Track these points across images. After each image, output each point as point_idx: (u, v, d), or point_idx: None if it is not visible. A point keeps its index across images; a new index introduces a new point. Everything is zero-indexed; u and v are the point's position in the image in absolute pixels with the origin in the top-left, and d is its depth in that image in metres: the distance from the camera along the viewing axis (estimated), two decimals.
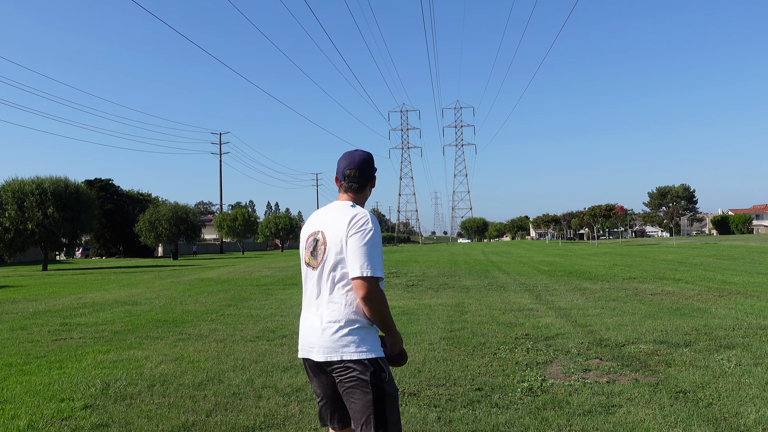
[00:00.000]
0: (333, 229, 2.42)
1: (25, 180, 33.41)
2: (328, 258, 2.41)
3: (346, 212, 2.43)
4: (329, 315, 2.39)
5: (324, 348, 2.39)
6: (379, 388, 2.35)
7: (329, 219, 2.48)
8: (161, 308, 11.38)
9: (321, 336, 2.40)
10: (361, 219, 2.39)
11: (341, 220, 2.41)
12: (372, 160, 2.59)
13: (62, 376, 5.75)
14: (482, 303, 10.89)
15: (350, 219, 2.39)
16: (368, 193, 2.62)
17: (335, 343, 2.37)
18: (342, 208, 2.48)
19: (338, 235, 2.39)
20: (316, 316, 2.45)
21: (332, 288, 2.41)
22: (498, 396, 4.73)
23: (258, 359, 6.29)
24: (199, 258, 55.55)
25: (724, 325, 7.71)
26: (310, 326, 2.46)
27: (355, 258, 2.32)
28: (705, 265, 20.67)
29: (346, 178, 2.55)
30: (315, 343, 2.42)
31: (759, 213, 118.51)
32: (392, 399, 2.40)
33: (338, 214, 2.45)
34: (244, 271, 23.98)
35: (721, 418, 4.09)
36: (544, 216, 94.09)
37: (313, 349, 2.44)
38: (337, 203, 2.55)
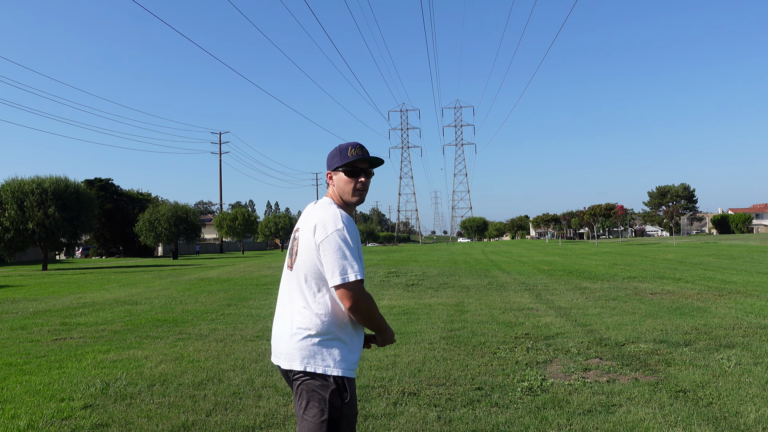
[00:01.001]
0: (304, 231, 2.30)
1: (25, 180, 33.41)
2: (299, 261, 2.29)
3: (316, 214, 2.30)
4: (299, 321, 2.25)
5: (289, 355, 2.25)
6: (337, 410, 2.19)
7: (306, 218, 2.38)
8: (161, 308, 11.38)
9: (288, 341, 2.26)
10: (327, 221, 2.21)
11: (311, 223, 2.28)
12: (331, 154, 2.43)
13: (62, 375, 5.75)
14: (482, 302, 10.89)
15: (317, 222, 2.24)
16: (335, 189, 2.41)
17: (301, 351, 2.22)
18: (318, 208, 2.36)
19: (308, 239, 2.26)
20: (287, 319, 2.32)
21: (304, 293, 2.27)
22: (498, 395, 4.73)
23: (258, 359, 6.29)
24: (199, 257, 55.56)
25: (724, 325, 7.71)
26: (280, 331, 2.34)
27: (330, 265, 2.16)
28: (705, 264, 20.67)
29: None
30: (283, 349, 2.30)
31: (759, 212, 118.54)
32: (347, 423, 2.22)
33: (312, 214, 2.34)
34: (244, 270, 23.98)
35: (721, 418, 4.09)
36: (544, 215, 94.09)
37: (281, 355, 2.31)
38: (320, 200, 2.46)
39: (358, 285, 2.16)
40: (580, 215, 71.57)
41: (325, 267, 2.18)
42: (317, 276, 2.24)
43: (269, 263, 29.33)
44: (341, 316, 2.25)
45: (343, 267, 2.14)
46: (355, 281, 2.15)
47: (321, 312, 2.23)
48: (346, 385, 2.22)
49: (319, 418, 2.17)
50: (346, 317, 2.26)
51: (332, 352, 2.22)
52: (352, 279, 2.14)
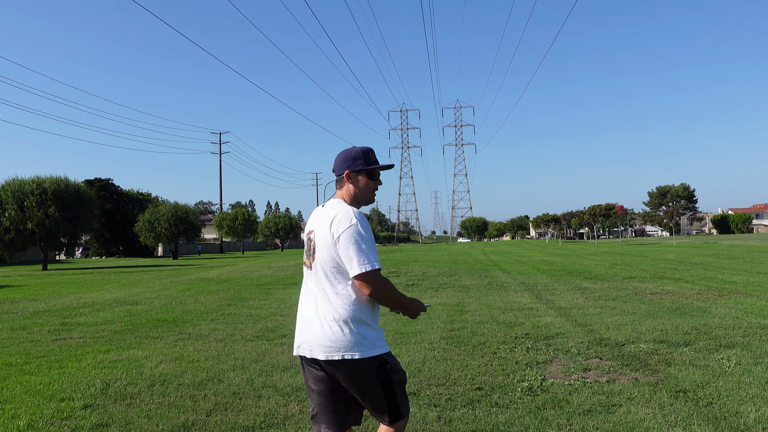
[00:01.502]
0: (320, 231, 2.48)
1: (25, 180, 33.40)
2: (319, 259, 2.47)
3: (330, 213, 2.48)
4: (330, 314, 2.42)
5: (326, 347, 2.41)
6: (387, 380, 2.45)
7: (318, 219, 2.54)
8: (161, 308, 11.38)
9: (323, 335, 2.42)
10: (342, 218, 2.41)
11: (325, 222, 2.46)
12: (349, 156, 2.59)
13: (62, 375, 5.75)
14: (482, 302, 10.89)
15: (331, 220, 2.43)
16: (350, 189, 2.59)
17: (337, 342, 2.39)
18: (329, 208, 2.53)
19: (325, 237, 2.44)
20: (315, 314, 2.48)
21: (329, 287, 2.44)
22: (498, 395, 4.73)
23: (258, 359, 6.29)
24: (199, 258, 55.55)
25: (724, 325, 7.71)
26: (310, 325, 2.49)
27: (349, 258, 2.36)
28: (705, 264, 20.67)
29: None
30: (315, 342, 2.44)
31: (759, 212, 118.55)
32: (399, 385, 2.50)
33: (325, 214, 2.51)
34: (244, 270, 23.98)
35: (721, 418, 4.09)
36: (544, 215, 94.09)
37: (314, 348, 2.45)
38: (328, 201, 2.62)
39: (375, 273, 2.38)
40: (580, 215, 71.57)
41: (344, 260, 2.38)
42: (338, 270, 2.42)
43: (269, 263, 29.33)
44: (365, 302, 2.46)
45: (361, 258, 2.35)
46: (372, 270, 2.36)
47: (348, 302, 2.42)
48: (386, 359, 2.47)
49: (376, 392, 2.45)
50: (368, 302, 2.47)
51: (365, 337, 2.42)
52: (370, 269, 2.35)
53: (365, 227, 2.40)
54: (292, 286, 15.61)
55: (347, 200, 2.59)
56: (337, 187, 2.63)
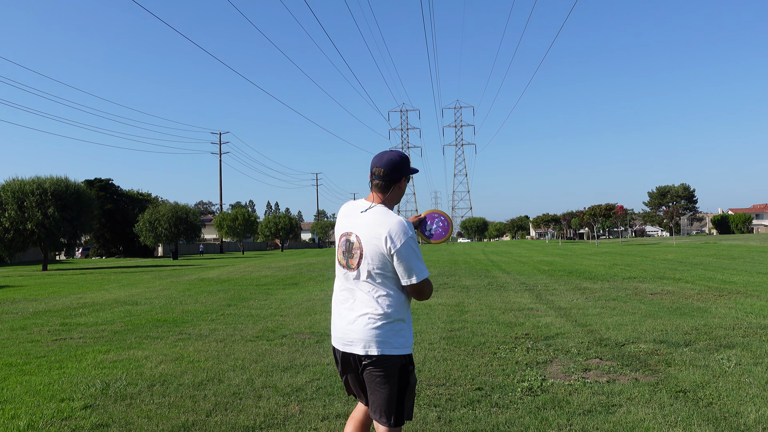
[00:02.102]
0: (370, 239, 2.53)
1: (25, 180, 33.39)
2: (366, 264, 2.55)
3: (383, 223, 2.51)
4: (371, 312, 2.56)
5: (364, 342, 2.56)
6: (405, 381, 2.60)
7: (365, 225, 2.57)
8: (161, 308, 11.38)
9: (362, 330, 2.56)
10: (399, 230, 2.49)
11: (379, 232, 2.50)
12: (402, 161, 2.64)
13: (62, 376, 5.75)
14: (482, 302, 10.89)
15: (389, 233, 2.49)
16: (397, 194, 2.68)
17: (375, 338, 2.55)
18: (376, 215, 2.56)
19: (378, 246, 2.51)
20: (354, 311, 2.61)
21: (373, 289, 2.57)
22: (498, 395, 4.73)
23: (258, 359, 6.29)
24: (199, 258, 55.56)
25: (724, 325, 7.71)
26: (347, 321, 2.62)
27: (408, 269, 2.51)
28: (705, 264, 20.67)
29: (374, 176, 2.64)
30: (355, 338, 2.59)
31: (759, 212, 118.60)
32: (412, 388, 2.66)
33: (375, 222, 2.54)
34: (244, 270, 23.98)
35: (721, 418, 4.09)
36: (544, 216, 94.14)
37: (352, 343, 2.60)
38: (367, 205, 2.63)
39: (426, 281, 2.58)
40: (580, 215, 71.57)
41: (401, 270, 2.52)
42: (386, 275, 2.55)
43: (269, 263, 29.34)
44: (403, 303, 2.61)
45: (418, 269, 2.52)
46: (426, 278, 2.56)
47: (389, 303, 2.56)
48: (411, 360, 2.64)
49: (391, 390, 2.57)
50: (405, 303, 2.62)
51: (399, 335, 2.58)
52: (424, 277, 2.55)
53: (415, 238, 2.55)
54: (293, 287, 15.61)
55: (390, 204, 2.67)
56: (380, 191, 2.63)
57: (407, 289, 2.58)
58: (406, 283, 2.53)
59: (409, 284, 2.54)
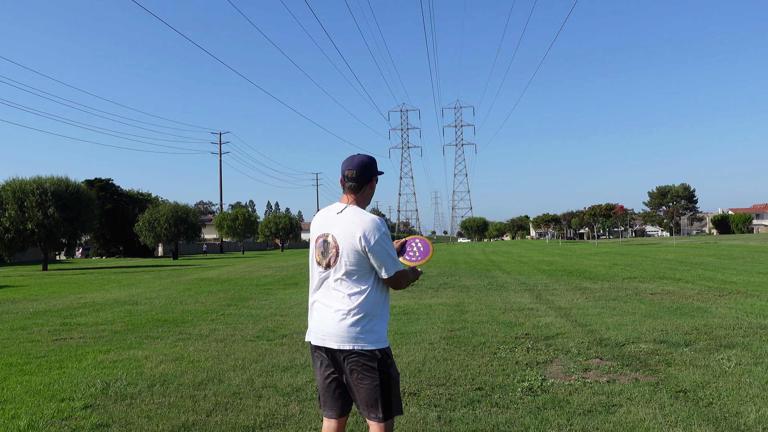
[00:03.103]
0: (345, 237, 2.65)
1: (25, 180, 33.39)
2: (342, 262, 2.66)
3: (357, 222, 2.64)
4: (345, 308, 2.65)
5: (339, 337, 2.64)
6: (385, 374, 2.65)
7: (340, 224, 2.69)
8: (161, 308, 11.38)
9: (337, 326, 2.64)
10: (372, 228, 2.62)
11: (353, 231, 2.63)
12: (371, 163, 2.78)
13: (62, 376, 5.75)
14: (482, 302, 10.89)
15: (363, 231, 2.61)
16: (368, 193, 2.82)
17: (349, 333, 2.62)
18: (350, 214, 2.69)
19: (352, 244, 2.62)
20: (329, 308, 2.69)
21: (348, 286, 2.66)
22: (498, 395, 4.73)
23: (258, 359, 6.29)
24: (199, 258, 55.55)
25: (724, 325, 7.71)
26: (325, 316, 2.70)
27: (382, 263, 2.63)
28: (705, 264, 20.67)
29: (346, 179, 2.75)
30: (330, 333, 2.66)
31: (759, 212, 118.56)
32: (395, 381, 2.71)
33: (348, 221, 2.67)
34: (244, 270, 23.98)
35: (721, 418, 4.09)
36: (544, 215, 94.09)
37: (328, 338, 2.67)
38: (341, 207, 2.75)
39: (400, 272, 2.71)
40: (580, 215, 71.56)
41: (377, 264, 2.64)
42: (362, 271, 2.65)
43: (269, 263, 29.33)
44: (377, 299, 2.70)
45: (392, 262, 2.66)
46: (399, 271, 2.70)
47: (364, 299, 2.65)
48: (388, 353, 2.70)
49: (372, 385, 2.63)
50: (379, 299, 2.71)
51: (374, 330, 2.66)
52: (399, 269, 2.69)
53: (388, 232, 2.68)
54: (293, 287, 15.61)
55: (363, 204, 2.79)
56: (353, 192, 2.76)
57: (385, 282, 2.71)
58: (384, 277, 2.66)
59: (386, 278, 2.67)
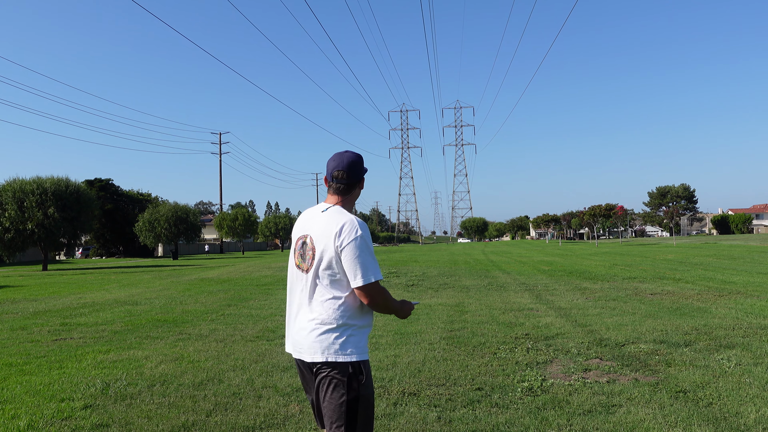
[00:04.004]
0: (321, 238, 2.46)
1: (25, 180, 33.37)
2: (317, 265, 2.47)
3: (334, 221, 2.46)
4: (318, 317, 2.45)
5: (311, 348, 2.46)
6: (355, 391, 2.42)
7: (317, 224, 2.52)
8: (161, 308, 11.38)
9: (308, 336, 2.46)
10: (348, 228, 2.41)
11: (329, 230, 2.44)
12: (361, 162, 2.61)
13: (62, 376, 5.75)
14: (482, 303, 10.89)
15: (338, 230, 2.42)
16: (356, 194, 2.65)
17: (321, 344, 2.43)
18: (330, 215, 2.50)
19: (327, 245, 2.43)
20: (304, 317, 2.51)
21: (322, 292, 2.46)
22: (498, 396, 4.73)
23: (258, 359, 6.29)
24: (199, 258, 55.55)
25: (724, 325, 7.71)
26: (299, 327, 2.52)
27: (352, 269, 2.40)
28: (705, 264, 20.66)
29: (334, 180, 2.57)
30: (303, 344, 2.49)
31: (759, 213, 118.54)
32: (366, 401, 2.46)
33: (326, 221, 2.48)
34: (244, 271, 23.98)
35: (721, 418, 4.09)
36: (544, 216, 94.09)
37: (302, 350, 2.50)
38: (325, 207, 2.58)
39: (375, 286, 2.43)
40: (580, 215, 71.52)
41: (347, 270, 2.41)
42: (336, 277, 2.45)
43: (269, 263, 29.33)
44: (354, 308, 2.48)
45: (364, 270, 2.39)
46: (374, 282, 2.42)
47: (337, 308, 2.45)
48: (362, 368, 2.46)
49: (338, 400, 2.42)
50: (357, 308, 2.49)
51: (348, 341, 2.45)
52: (373, 280, 2.41)
53: (369, 238, 2.45)
54: None
55: (350, 205, 2.61)
56: (340, 193, 2.58)
57: (357, 293, 2.43)
58: (354, 285, 2.40)
59: (356, 287, 2.40)
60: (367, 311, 2.53)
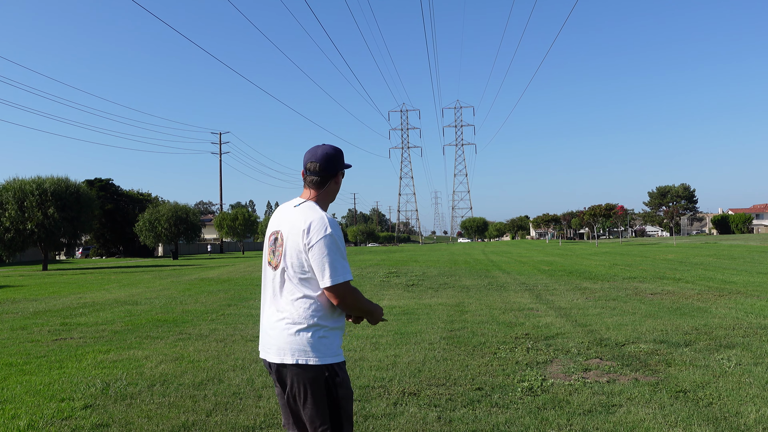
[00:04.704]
0: (290, 234, 2.37)
1: (25, 180, 33.37)
2: (286, 262, 2.38)
3: (303, 217, 2.37)
4: (289, 317, 2.36)
5: (280, 349, 2.37)
6: (334, 393, 2.35)
7: (288, 220, 2.43)
8: (161, 308, 11.38)
9: (278, 337, 2.37)
10: (316, 226, 2.31)
11: (299, 227, 2.34)
12: (337, 155, 2.49)
13: (62, 376, 5.76)
14: (482, 302, 10.89)
15: (306, 227, 2.32)
16: (332, 189, 2.53)
17: (291, 345, 2.34)
18: (302, 210, 2.41)
19: (296, 242, 2.34)
20: (274, 316, 2.42)
21: (292, 291, 2.37)
22: (498, 396, 4.73)
23: (258, 359, 6.29)
24: (198, 258, 55.56)
25: (724, 325, 7.71)
26: (269, 326, 2.43)
27: (320, 268, 2.30)
28: (705, 264, 20.67)
29: (308, 172, 2.48)
30: (272, 344, 2.40)
31: (759, 212, 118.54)
32: (346, 402, 2.39)
33: (297, 217, 2.39)
34: (244, 270, 23.98)
35: (721, 418, 4.09)
36: (544, 216, 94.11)
37: (270, 350, 2.41)
38: (298, 201, 2.49)
39: (345, 285, 2.33)
40: (580, 215, 71.55)
41: (315, 269, 2.31)
42: (306, 275, 2.35)
43: None
44: (326, 308, 2.38)
45: (334, 269, 2.29)
46: (343, 282, 2.31)
47: (307, 307, 2.35)
48: (337, 370, 2.37)
49: (320, 403, 2.34)
50: (329, 309, 2.39)
51: (320, 343, 2.35)
52: (342, 281, 2.30)
53: (339, 237, 2.34)
54: None
55: (324, 201, 2.51)
56: (314, 187, 2.48)
57: (327, 293, 2.33)
58: (322, 285, 2.31)
59: (324, 287, 2.30)
60: (340, 312, 2.44)
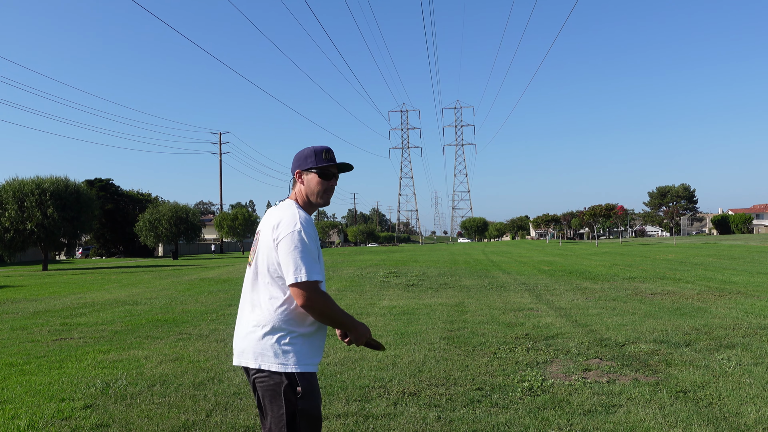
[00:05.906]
0: (264, 231, 2.36)
1: (25, 180, 33.38)
2: (258, 260, 2.35)
3: (277, 215, 2.35)
4: (256, 319, 2.31)
5: (245, 353, 2.32)
6: (292, 404, 2.24)
7: (266, 218, 2.43)
8: (161, 308, 11.38)
9: (244, 339, 2.33)
10: (286, 221, 2.28)
11: (270, 223, 2.33)
12: (303, 155, 2.47)
13: (62, 376, 5.76)
14: (482, 303, 10.89)
15: (276, 224, 2.30)
16: (303, 188, 2.46)
17: (254, 348, 2.28)
18: (278, 209, 2.41)
19: (267, 239, 2.32)
20: (244, 317, 2.38)
21: (262, 291, 2.32)
22: (498, 396, 4.73)
23: None
24: (199, 258, 55.56)
25: (725, 325, 7.71)
26: (239, 326, 2.40)
27: (287, 264, 2.23)
28: (705, 264, 20.66)
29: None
30: (239, 346, 2.36)
31: (759, 213, 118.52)
32: (306, 416, 2.26)
33: (272, 215, 2.39)
34: (244, 270, 23.96)
35: (721, 418, 4.09)
36: (544, 216, 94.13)
37: (239, 353, 2.36)
38: (282, 202, 2.51)
39: (311, 285, 2.22)
40: (580, 215, 71.54)
41: (282, 266, 2.25)
42: (274, 274, 2.29)
43: None
44: (296, 311, 2.29)
45: (298, 267, 2.21)
46: (308, 281, 2.21)
47: (275, 309, 2.28)
48: (298, 380, 2.26)
49: (277, 413, 2.25)
50: (302, 312, 2.30)
51: (285, 348, 2.27)
52: (305, 279, 2.20)
53: (309, 234, 2.27)
54: None
55: (299, 201, 2.48)
56: (291, 187, 2.52)
57: (292, 294, 2.23)
58: (287, 283, 2.22)
59: (289, 284, 2.22)
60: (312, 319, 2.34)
